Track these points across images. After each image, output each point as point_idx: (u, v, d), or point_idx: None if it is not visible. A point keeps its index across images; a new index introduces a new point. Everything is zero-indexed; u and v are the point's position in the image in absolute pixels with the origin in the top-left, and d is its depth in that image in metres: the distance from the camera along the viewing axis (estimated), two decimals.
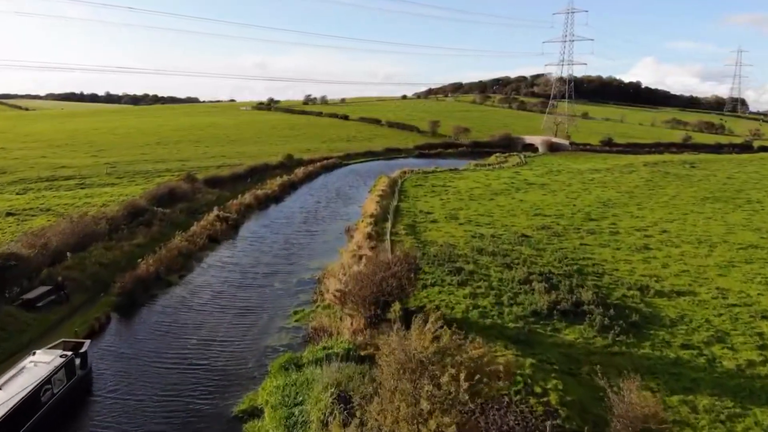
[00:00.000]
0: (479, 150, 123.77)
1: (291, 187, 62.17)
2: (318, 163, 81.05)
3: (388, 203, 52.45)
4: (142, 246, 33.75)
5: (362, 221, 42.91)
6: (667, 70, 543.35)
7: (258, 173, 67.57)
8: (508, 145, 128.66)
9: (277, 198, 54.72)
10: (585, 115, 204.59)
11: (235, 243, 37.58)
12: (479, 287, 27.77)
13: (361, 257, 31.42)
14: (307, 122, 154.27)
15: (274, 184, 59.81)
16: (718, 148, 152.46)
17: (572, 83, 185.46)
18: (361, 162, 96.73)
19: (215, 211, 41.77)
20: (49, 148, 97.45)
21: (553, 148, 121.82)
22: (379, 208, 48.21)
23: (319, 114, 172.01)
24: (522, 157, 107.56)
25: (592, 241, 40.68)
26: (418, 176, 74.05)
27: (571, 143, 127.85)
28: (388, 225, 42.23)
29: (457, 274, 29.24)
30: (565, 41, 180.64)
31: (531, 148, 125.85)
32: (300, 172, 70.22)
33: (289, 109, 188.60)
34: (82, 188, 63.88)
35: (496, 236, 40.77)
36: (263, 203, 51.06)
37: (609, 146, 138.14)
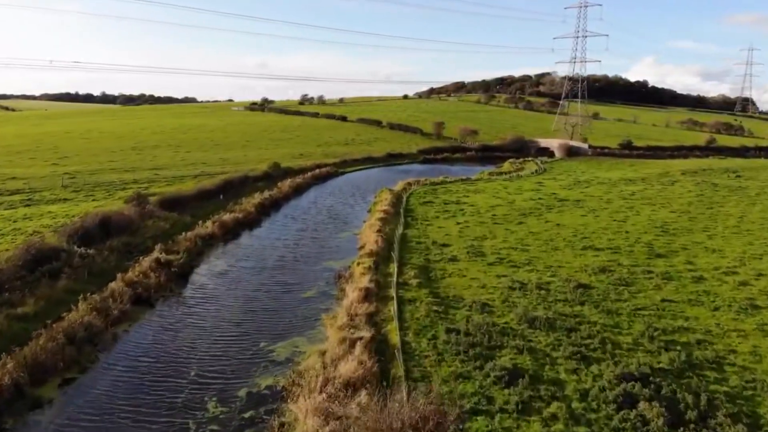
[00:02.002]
0: (489, 155, 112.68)
1: (273, 206, 50.76)
2: (309, 173, 69.75)
3: (392, 230, 41.19)
4: (30, 318, 22.51)
5: (358, 263, 31.57)
6: (668, 70, 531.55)
7: (234, 188, 56.25)
8: (520, 148, 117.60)
9: (251, 223, 43.18)
10: (596, 116, 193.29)
11: (173, 307, 25.75)
12: (554, 417, 16.40)
13: (354, 342, 20.17)
14: (302, 124, 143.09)
15: (250, 202, 48.42)
16: (743, 152, 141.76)
17: (585, 82, 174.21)
18: (360, 169, 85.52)
19: (156, 252, 30.33)
20: (6, 155, 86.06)
21: (571, 152, 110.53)
22: (381, 240, 36.93)
23: (316, 115, 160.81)
24: (539, 163, 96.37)
25: (674, 294, 29.39)
26: (425, 189, 62.82)
27: (590, 146, 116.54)
28: (394, 269, 30.93)
29: (512, 384, 17.88)
30: (577, 37, 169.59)
31: (546, 152, 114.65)
32: (286, 185, 58.84)
33: (283, 109, 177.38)
34: (27, 205, 52.81)
35: (544, 287, 29.49)
36: (231, 232, 39.58)
37: (629, 149, 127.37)
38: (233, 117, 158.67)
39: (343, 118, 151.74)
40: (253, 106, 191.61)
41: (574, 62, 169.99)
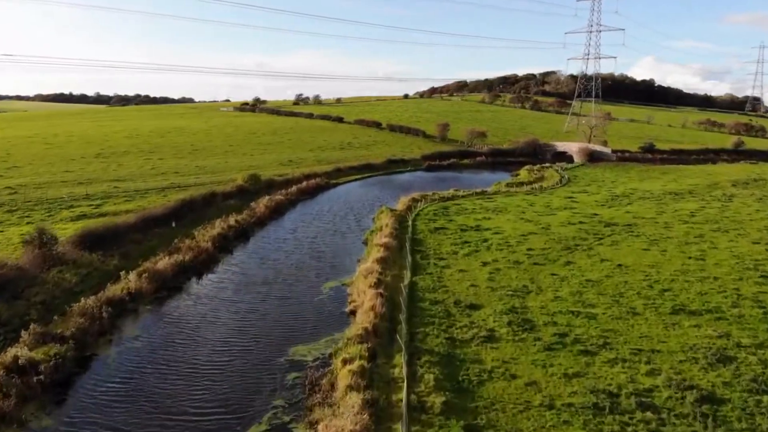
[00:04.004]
0: (501, 160, 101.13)
1: (240, 237, 39.12)
2: (294, 187, 58.15)
3: (396, 277, 29.75)
4: None
5: (344, 359, 19.86)
6: (668, 69, 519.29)
7: (197, 209, 44.75)
8: (534, 153, 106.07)
9: (202, 267, 31.30)
10: (608, 116, 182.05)
11: None
12: None
13: None
14: (295, 126, 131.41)
15: (208, 234, 36.81)
16: None
17: (599, 80, 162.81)
18: (356, 179, 73.99)
19: (18, 345, 18.64)
20: None
21: (593, 157, 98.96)
22: (381, 301, 25.39)
23: (310, 116, 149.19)
24: (560, 170, 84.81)
25: None
26: (435, 208, 51.27)
27: (613, 151, 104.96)
28: (401, 365, 19.41)
29: None
30: (591, 31, 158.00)
31: (563, 156, 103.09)
32: (262, 205, 47.15)
33: (276, 110, 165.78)
34: None
35: (646, 401, 18.04)
36: (168, 286, 27.90)
37: (652, 153, 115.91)
38: (220, 118, 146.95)
39: (340, 119, 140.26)
40: (244, 107, 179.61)
41: (587, 59, 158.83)
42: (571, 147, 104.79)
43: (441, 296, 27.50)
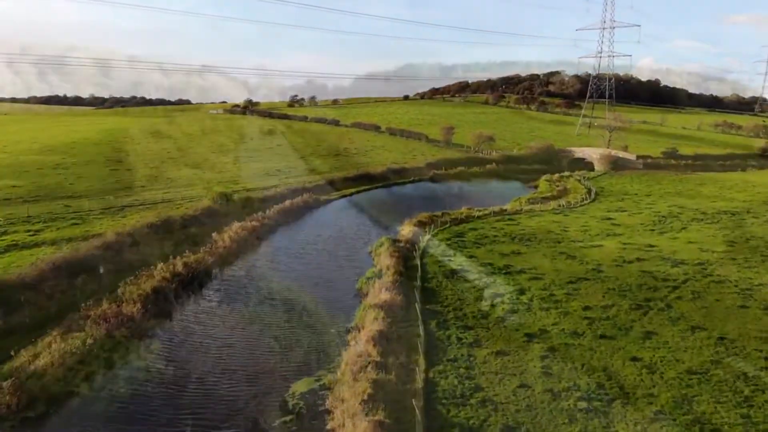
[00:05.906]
0: (513, 168, 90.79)
1: (189, 285, 28.84)
2: (275, 208, 47.91)
3: (402, 372, 19.75)
4: None
5: None
6: (668, 69, 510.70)
7: (142, 243, 34.45)
8: (549, 159, 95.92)
9: (113, 354, 20.99)
10: (620, 117, 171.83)
11: None
12: None
13: None
14: (287, 130, 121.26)
15: (141, 286, 26.53)
16: None
17: (613, 80, 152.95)
18: (352, 193, 63.85)
19: None
20: None
21: (616, 164, 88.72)
22: None
23: (304, 119, 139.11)
24: (583, 180, 74.73)
25: None
26: (447, 235, 41.19)
27: (638, 157, 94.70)
28: None
29: None
30: (604, 28, 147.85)
31: (582, 163, 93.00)
32: (227, 237, 36.74)
33: (268, 112, 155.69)
34: None
35: None
36: (54, 387, 17.47)
37: (675, 159, 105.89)
38: (207, 121, 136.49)
39: (336, 122, 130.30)
40: (235, 109, 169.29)
41: (600, 57, 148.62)
42: (591, 153, 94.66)
43: (476, 416, 17.29)
